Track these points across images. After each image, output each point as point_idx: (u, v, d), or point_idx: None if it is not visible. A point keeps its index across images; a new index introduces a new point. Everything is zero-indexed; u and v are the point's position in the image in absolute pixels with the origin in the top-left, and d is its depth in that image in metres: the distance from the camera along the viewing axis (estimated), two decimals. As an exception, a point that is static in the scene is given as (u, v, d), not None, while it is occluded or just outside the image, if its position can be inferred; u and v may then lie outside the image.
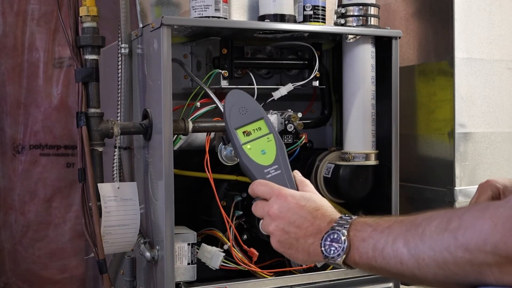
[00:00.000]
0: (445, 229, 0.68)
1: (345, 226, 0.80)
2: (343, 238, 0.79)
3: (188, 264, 1.27)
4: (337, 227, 0.81)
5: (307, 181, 0.95)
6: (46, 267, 1.96)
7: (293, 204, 0.87)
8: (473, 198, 1.08)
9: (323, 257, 0.81)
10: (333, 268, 1.39)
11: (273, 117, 1.36)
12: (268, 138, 0.97)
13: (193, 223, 1.37)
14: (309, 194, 0.90)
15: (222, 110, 1.00)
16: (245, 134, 0.96)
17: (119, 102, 1.35)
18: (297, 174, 0.97)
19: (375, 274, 0.82)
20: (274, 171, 0.94)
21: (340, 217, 0.83)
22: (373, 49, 1.43)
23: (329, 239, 0.80)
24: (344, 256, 0.79)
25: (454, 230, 0.67)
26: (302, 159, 1.45)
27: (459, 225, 0.67)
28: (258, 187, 0.92)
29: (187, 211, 1.40)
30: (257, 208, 0.92)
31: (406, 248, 0.72)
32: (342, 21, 1.44)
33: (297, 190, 0.93)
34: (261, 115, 0.98)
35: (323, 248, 0.81)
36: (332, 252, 0.80)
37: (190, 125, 1.28)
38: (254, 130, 0.97)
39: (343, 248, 0.79)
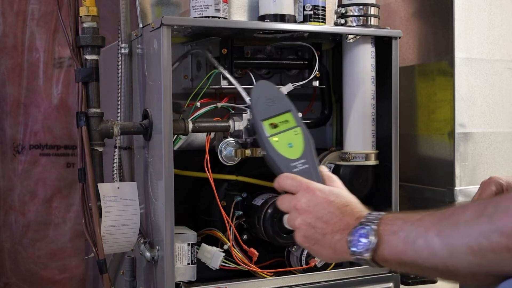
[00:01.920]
0: (481, 214, 0.67)
1: (374, 221, 0.78)
2: (372, 232, 0.77)
3: (188, 264, 1.27)
4: (366, 222, 0.79)
5: (335, 177, 0.93)
6: (46, 267, 1.96)
7: (322, 198, 0.85)
8: (476, 195, 1.07)
9: (350, 253, 0.79)
10: (333, 268, 1.39)
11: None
12: (295, 131, 0.94)
13: (193, 223, 1.37)
14: (338, 190, 0.88)
15: (249, 101, 0.98)
16: (271, 126, 0.93)
17: (119, 102, 1.35)
18: (324, 169, 0.94)
19: (404, 272, 0.79)
20: (301, 165, 0.91)
21: (369, 213, 0.81)
22: (373, 49, 1.43)
23: (357, 234, 0.78)
24: (372, 252, 0.76)
25: (490, 215, 0.66)
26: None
27: (495, 210, 0.66)
28: (285, 180, 0.89)
29: (187, 211, 1.40)
30: (283, 202, 0.89)
31: (439, 238, 0.70)
32: (342, 21, 1.44)
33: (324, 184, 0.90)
34: (288, 108, 0.95)
35: (350, 244, 0.79)
36: (360, 247, 0.77)
37: (190, 125, 1.28)
38: (281, 122, 0.94)
39: (372, 242, 0.76)
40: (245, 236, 1.37)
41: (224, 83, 1.34)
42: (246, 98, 1.00)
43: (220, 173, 1.37)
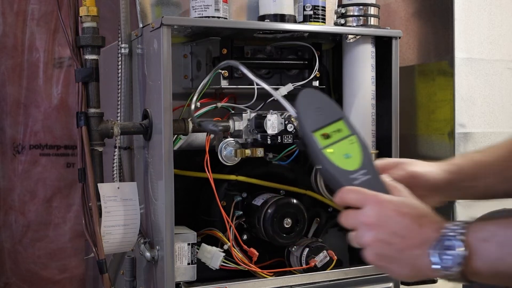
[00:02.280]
0: None
1: (460, 230, 0.71)
2: (459, 243, 0.70)
3: (188, 264, 1.27)
4: (449, 233, 0.71)
5: (401, 186, 0.83)
6: (46, 267, 1.96)
7: (393, 211, 0.76)
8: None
9: (433, 270, 0.72)
10: (333, 268, 1.39)
11: (273, 117, 1.35)
12: (350, 140, 0.86)
13: (193, 223, 1.37)
14: (409, 200, 0.79)
15: (294, 112, 0.88)
16: (324, 137, 0.85)
17: (119, 102, 1.35)
18: (387, 178, 0.84)
19: (499, 284, 0.71)
20: (362, 176, 0.83)
21: (451, 223, 0.73)
22: (373, 49, 1.43)
23: (441, 248, 0.71)
24: (461, 266, 0.69)
25: None
26: (302, 159, 1.45)
27: None
28: (348, 194, 0.80)
29: (187, 211, 1.40)
30: (348, 218, 0.80)
31: None
32: (342, 21, 1.44)
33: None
34: (340, 115, 0.87)
35: (433, 259, 0.71)
36: (446, 261, 0.70)
37: (190, 125, 1.28)
38: (333, 132, 0.86)
39: (461, 255, 0.69)
40: (245, 236, 1.37)
41: (224, 83, 1.34)
42: (291, 110, 0.90)
43: (220, 173, 1.36)
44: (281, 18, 1.37)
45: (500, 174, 0.94)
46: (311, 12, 1.40)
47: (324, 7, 1.42)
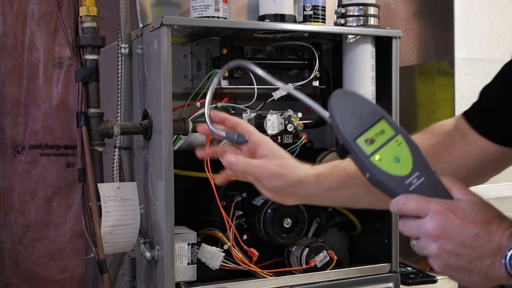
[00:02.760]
0: None
1: None
2: None
3: (188, 264, 1.27)
4: None
5: (460, 184, 0.76)
6: (46, 267, 1.96)
7: (458, 220, 0.71)
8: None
9: (509, 279, 0.69)
10: (333, 268, 1.39)
11: (273, 117, 1.36)
12: (397, 140, 0.78)
13: (193, 223, 1.37)
14: (472, 203, 0.74)
15: (328, 119, 0.80)
16: (368, 142, 0.77)
17: (119, 102, 1.35)
18: (442, 175, 0.77)
19: None
20: (416, 180, 0.76)
21: None
22: (373, 49, 1.43)
23: None
24: None
25: None
26: (302, 159, 1.45)
27: None
28: (407, 203, 0.74)
29: (187, 211, 1.40)
30: (409, 228, 0.75)
31: None
32: (342, 21, 1.44)
33: (450, 196, 0.75)
34: (380, 115, 0.78)
35: (510, 269, 0.68)
36: None
37: (190, 125, 1.28)
38: (377, 135, 0.78)
39: None
40: (245, 236, 1.37)
41: (224, 83, 1.34)
42: (325, 115, 0.81)
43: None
44: (281, 18, 1.37)
45: (364, 186, 0.88)
46: (311, 12, 1.40)
47: (324, 7, 1.42)
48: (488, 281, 0.72)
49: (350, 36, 1.41)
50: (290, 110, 1.39)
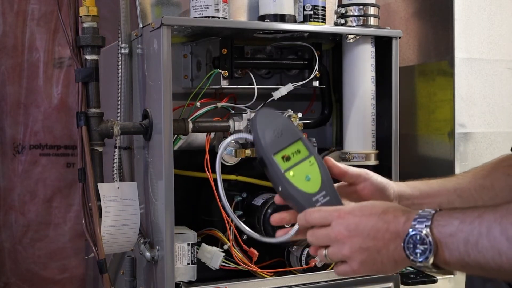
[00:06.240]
0: None
1: (426, 223, 0.73)
2: (427, 238, 0.72)
3: (188, 264, 1.27)
4: (417, 226, 0.74)
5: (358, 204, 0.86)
6: (46, 267, 1.96)
7: (358, 217, 0.79)
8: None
9: (410, 262, 0.75)
10: (333, 268, 1.39)
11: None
12: (310, 161, 0.86)
13: (193, 223, 1.37)
14: (367, 202, 0.83)
15: (250, 135, 0.87)
16: (284, 159, 0.85)
17: (119, 102, 1.35)
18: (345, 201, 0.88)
19: (468, 273, 0.75)
20: (322, 198, 0.85)
21: (417, 214, 0.75)
22: (373, 49, 1.43)
23: (411, 242, 0.74)
24: (432, 258, 0.73)
25: None
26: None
27: None
28: (312, 215, 0.83)
29: (187, 211, 1.40)
30: (319, 237, 0.83)
31: (505, 236, 0.67)
32: (342, 21, 1.44)
33: None
34: (298, 136, 0.87)
35: (407, 252, 0.74)
36: (418, 255, 0.73)
37: (190, 125, 1.28)
38: (293, 153, 0.86)
39: (430, 249, 0.72)
40: (245, 236, 1.37)
41: (224, 83, 1.34)
42: (247, 136, 0.90)
43: (220, 173, 1.36)
44: (281, 18, 1.37)
45: (454, 192, 0.99)
46: (311, 12, 1.40)
47: (324, 7, 1.42)
48: (398, 266, 0.78)
49: (350, 36, 1.41)
50: (290, 110, 1.39)
